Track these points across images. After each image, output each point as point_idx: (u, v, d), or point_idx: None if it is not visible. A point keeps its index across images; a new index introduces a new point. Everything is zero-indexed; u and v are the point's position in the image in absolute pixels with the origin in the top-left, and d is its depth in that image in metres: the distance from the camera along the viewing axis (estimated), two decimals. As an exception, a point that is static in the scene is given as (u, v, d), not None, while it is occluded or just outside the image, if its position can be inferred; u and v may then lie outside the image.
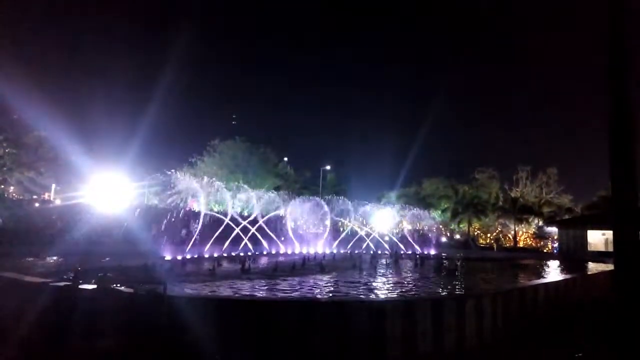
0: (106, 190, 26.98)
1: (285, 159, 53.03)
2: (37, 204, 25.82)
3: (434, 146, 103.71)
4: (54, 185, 30.41)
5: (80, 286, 7.28)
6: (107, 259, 15.14)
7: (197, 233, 19.10)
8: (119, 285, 7.32)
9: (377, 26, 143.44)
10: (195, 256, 18.92)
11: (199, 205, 25.54)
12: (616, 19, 5.13)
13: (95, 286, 7.18)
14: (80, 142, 27.99)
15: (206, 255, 19.29)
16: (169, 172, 21.52)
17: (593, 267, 19.05)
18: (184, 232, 18.42)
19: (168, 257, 17.11)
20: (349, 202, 33.01)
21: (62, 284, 7.56)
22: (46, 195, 29.67)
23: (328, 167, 53.71)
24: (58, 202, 27.18)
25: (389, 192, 59.17)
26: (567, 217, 46.87)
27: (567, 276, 13.47)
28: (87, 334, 6.68)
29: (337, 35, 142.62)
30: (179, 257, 17.64)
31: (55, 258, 15.13)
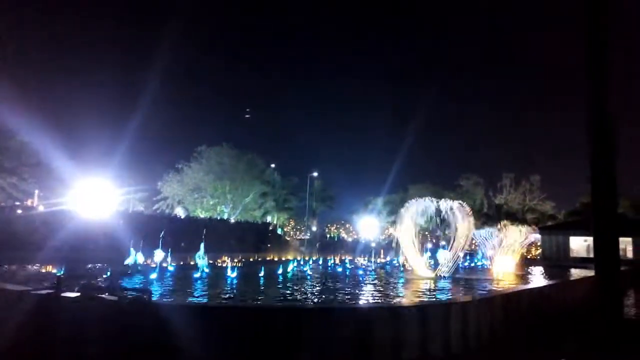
0: (90, 196, 26.62)
1: (273, 165, 52.94)
2: (19, 211, 25.36)
3: (420, 153, 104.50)
4: (37, 192, 29.92)
5: (62, 294, 7.17)
6: (90, 265, 14.96)
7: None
8: (102, 293, 7.24)
9: (364, 36, 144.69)
10: (181, 263, 18.74)
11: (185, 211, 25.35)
12: (596, 29, 5.25)
13: (78, 294, 7.09)
14: (64, 147, 27.61)
15: (192, 263, 19.11)
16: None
17: (575, 272, 19.35)
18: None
19: (153, 264, 16.91)
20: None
21: (44, 292, 7.44)
22: (29, 202, 29.15)
23: (315, 174, 53.73)
24: (41, 208, 26.71)
25: (375, 198, 59.45)
26: (550, 223, 47.57)
27: (551, 282, 13.67)
28: (71, 342, 6.58)
29: (326, 44, 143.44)
30: (164, 265, 17.45)
31: (38, 265, 14.87)
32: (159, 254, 16.44)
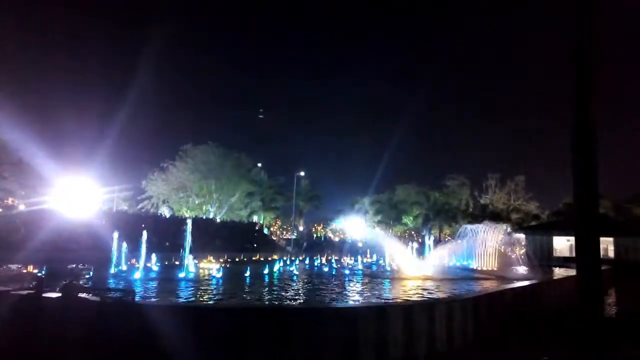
0: (73, 195, 26.24)
1: (259, 164, 52.72)
2: (0, 210, 24.84)
3: (407, 153, 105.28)
4: (16, 199, 29.32)
5: (44, 294, 7.05)
6: (73, 265, 14.71)
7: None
8: (85, 293, 7.14)
9: (353, 35, 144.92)
10: (166, 263, 18.58)
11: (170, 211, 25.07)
12: (584, 33, 5.32)
13: (59, 294, 6.98)
14: (46, 145, 27.12)
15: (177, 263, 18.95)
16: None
17: (558, 272, 19.64)
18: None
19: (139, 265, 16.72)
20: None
21: (25, 292, 7.31)
22: (10, 200, 28.56)
23: (302, 173, 53.68)
24: (22, 207, 26.20)
25: (362, 198, 59.60)
26: (533, 223, 48.28)
27: (534, 281, 13.83)
28: (52, 344, 6.47)
29: (314, 44, 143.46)
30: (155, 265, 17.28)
31: (19, 265, 14.58)
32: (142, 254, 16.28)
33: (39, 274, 11.44)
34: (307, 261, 25.52)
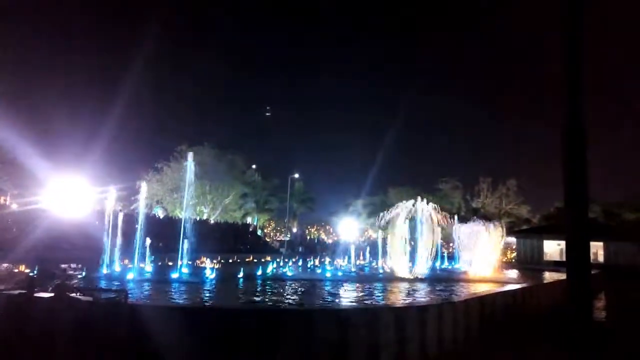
0: (66, 194, 26.09)
1: (254, 166, 52.76)
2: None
3: (400, 155, 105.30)
4: (10, 192, 29.11)
5: (35, 294, 7.03)
6: (65, 265, 14.65)
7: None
8: (77, 293, 7.13)
9: (346, 34, 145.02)
10: (159, 263, 18.53)
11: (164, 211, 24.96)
12: (574, 36, 5.39)
13: (51, 294, 6.96)
14: (39, 145, 26.96)
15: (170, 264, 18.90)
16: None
17: (548, 276, 19.81)
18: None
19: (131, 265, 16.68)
20: None
21: (16, 292, 7.28)
22: (2, 200, 28.34)
23: (296, 175, 53.78)
24: (15, 206, 26.01)
25: (355, 200, 59.75)
26: (525, 227, 48.60)
27: (524, 285, 13.96)
28: (43, 344, 6.46)
29: (308, 44, 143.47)
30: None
31: (10, 265, 14.49)
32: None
33: (31, 274, 11.40)
34: (300, 262, 25.52)
